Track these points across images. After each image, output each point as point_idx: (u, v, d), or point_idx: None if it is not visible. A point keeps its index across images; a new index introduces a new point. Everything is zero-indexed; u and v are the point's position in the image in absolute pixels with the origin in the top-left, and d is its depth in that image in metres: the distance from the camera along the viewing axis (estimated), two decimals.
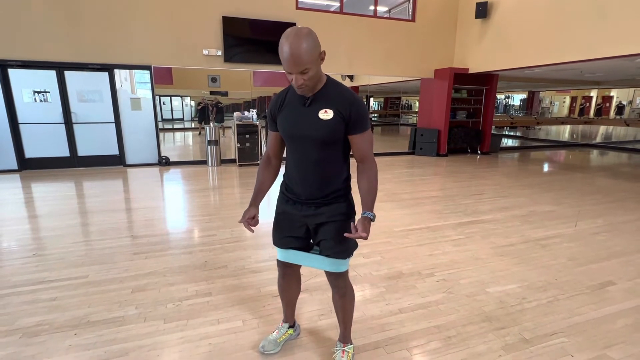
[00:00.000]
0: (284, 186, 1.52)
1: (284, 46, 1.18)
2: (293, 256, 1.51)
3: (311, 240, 1.53)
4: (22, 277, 2.44)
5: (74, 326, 1.91)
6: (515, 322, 1.99)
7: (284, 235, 1.51)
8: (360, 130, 1.33)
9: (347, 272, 1.50)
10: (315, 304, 2.14)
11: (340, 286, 1.51)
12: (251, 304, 2.14)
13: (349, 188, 1.47)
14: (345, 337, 1.65)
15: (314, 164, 1.38)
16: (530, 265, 2.70)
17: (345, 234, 1.32)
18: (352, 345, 1.66)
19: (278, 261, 1.60)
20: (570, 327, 1.95)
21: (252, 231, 1.49)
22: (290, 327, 1.79)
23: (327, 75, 1.35)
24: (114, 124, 6.43)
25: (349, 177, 1.47)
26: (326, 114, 1.30)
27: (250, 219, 1.47)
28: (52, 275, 2.47)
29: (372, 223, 1.36)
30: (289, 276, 1.64)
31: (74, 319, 1.97)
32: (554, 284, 2.42)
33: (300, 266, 1.63)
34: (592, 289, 2.37)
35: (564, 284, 2.42)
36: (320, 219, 1.42)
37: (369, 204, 1.36)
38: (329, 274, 1.49)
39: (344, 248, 1.41)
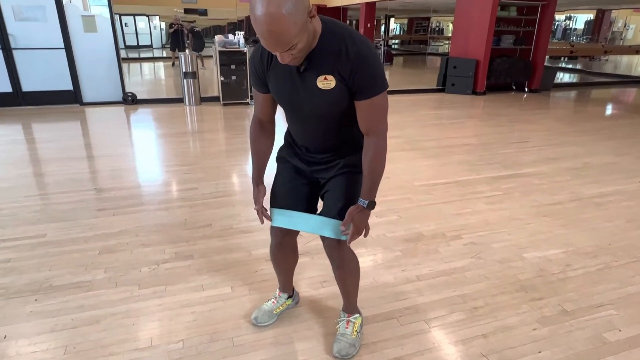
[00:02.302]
0: (290, 137, 1.53)
1: (257, 20, 0.98)
2: (293, 219, 1.51)
3: (316, 204, 1.57)
4: None
5: (34, 291, 1.99)
6: (555, 292, 2.05)
7: (286, 189, 1.52)
8: (368, 95, 1.22)
9: (344, 242, 1.51)
10: (317, 269, 2.20)
11: (335, 257, 1.54)
12: (241, 269, 2.21)
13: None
14: (349, 308, 1.71)
15: (319, 133, 1.39)
16: (579, 228, 2.73)
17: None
18: (358, 315, 1.73)
19: (272, 228, 1.60)
20: (620, 298, 2.01)
21: (266, 219, 1.53)
22: (288, 297, 1.86)
23: (322, 19, 1.18)
24: (64, 50, 6.24)
25: None
26: (326, 82, 1.21)
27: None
28: (5, 233, 2.54)
29: (371, 212, 1.37)
30: (285, 246, 1.66)
31: (34, 283, 2.05)
32: (606, 249, 2.46)
33: (297, 234, 1.65)
34: None
35: (618, 250, 2.46)
36: (331, 172, 1.45)
37: (366, 190, 1.34)
38: (325, 242, 1.51)
39: (347, 204, 1.41)
